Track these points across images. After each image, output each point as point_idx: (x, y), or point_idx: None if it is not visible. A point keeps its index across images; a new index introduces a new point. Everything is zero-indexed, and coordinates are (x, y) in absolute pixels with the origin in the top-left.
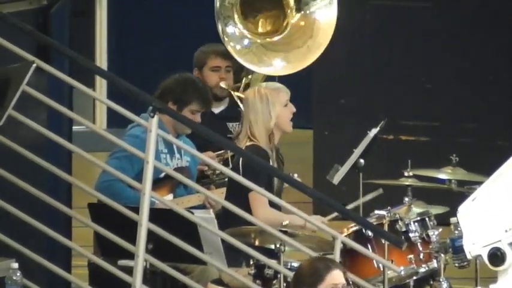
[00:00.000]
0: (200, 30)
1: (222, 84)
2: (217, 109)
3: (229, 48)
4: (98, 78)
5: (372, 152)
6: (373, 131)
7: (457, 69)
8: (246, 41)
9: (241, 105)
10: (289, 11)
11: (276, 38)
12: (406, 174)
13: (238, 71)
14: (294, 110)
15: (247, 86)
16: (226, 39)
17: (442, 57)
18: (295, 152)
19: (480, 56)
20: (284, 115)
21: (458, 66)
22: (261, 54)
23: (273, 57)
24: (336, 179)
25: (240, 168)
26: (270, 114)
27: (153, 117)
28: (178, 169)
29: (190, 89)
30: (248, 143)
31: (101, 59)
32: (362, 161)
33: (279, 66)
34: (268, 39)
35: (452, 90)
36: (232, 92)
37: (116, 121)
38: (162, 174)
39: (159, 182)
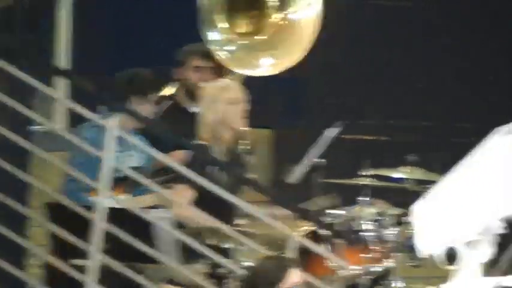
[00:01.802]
0: (163, 28)
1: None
2: (197, 108)
3: (219, 58)
4: (57, 78)
5: (329, 152)
6: (331, 131)
7: (411, 68)
8: (231, 46)
9: None
10: (269, 11)
11: (258, 38)
12: (363, 173)
13: (218, 72)
14: (245, 108)
15: None
16: (213, 47)
17: (402, 55)
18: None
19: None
20: (230, 112)
21: (410, 66)
22: (249, 56)
23: (261, 57)
24: (294, 179)
25: None
26: (211, 110)
27: (111, 116)
28: (135, 169)
29: (146, 81)
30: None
31: (61, 58)
32: (320, 160)
33: (269, 65)
34: (251, 40)
35: (409, 90)
36: None
37: (75, 120)
38: (119, 174)
39: (116, 182)
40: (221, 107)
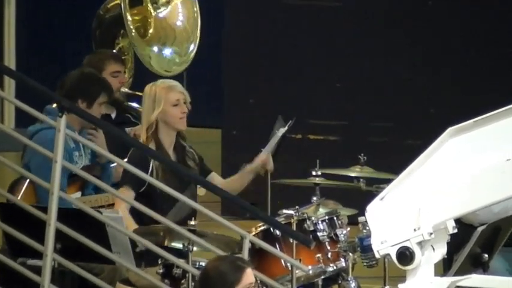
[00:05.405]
0: None
1: (125, 89)
2: (113, 114)
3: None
4: (6, 78)
5: (280, 151)
6: (281, 130)
7: (367, 68)
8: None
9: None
10: (148, 13)
11: (149, 34)
12: (314, 173)
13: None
14: (185, 110)
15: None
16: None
17: (351, 57)
18: (203, 151)
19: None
20: (172, 113)
21: (368, 66)
22: (159, 56)
23: (163, 50)
24: None
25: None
26: (152, 109)
27: (61, 116)
28: (87, 168)
29: (95, 83)
30: None
31: (9, 59)
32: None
33: (172, 54)
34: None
35: (363, 90)
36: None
37: (24, 121)
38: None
39: (68, 180)
40: (162, 107)
